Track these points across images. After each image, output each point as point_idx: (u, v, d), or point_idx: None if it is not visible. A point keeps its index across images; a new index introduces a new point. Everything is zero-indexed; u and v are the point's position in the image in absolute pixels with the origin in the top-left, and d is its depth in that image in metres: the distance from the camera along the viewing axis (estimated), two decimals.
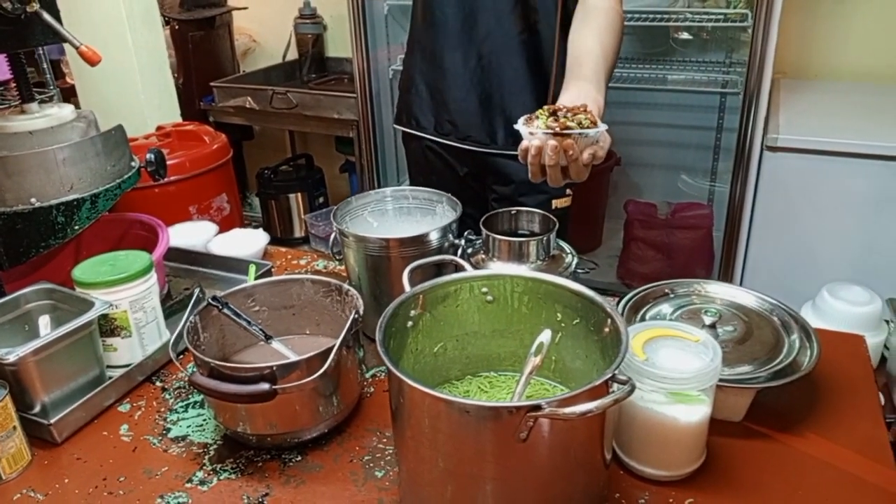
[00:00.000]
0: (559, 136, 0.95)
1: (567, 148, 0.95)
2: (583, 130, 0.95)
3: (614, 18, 1.23)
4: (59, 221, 1.04)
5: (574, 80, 1.15)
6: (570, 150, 0.95)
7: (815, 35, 2.31)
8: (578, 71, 1.16)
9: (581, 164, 0.98)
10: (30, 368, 0.89)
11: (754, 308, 1.00)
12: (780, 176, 1.89)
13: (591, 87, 1.11)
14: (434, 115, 1.42)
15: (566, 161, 0.97)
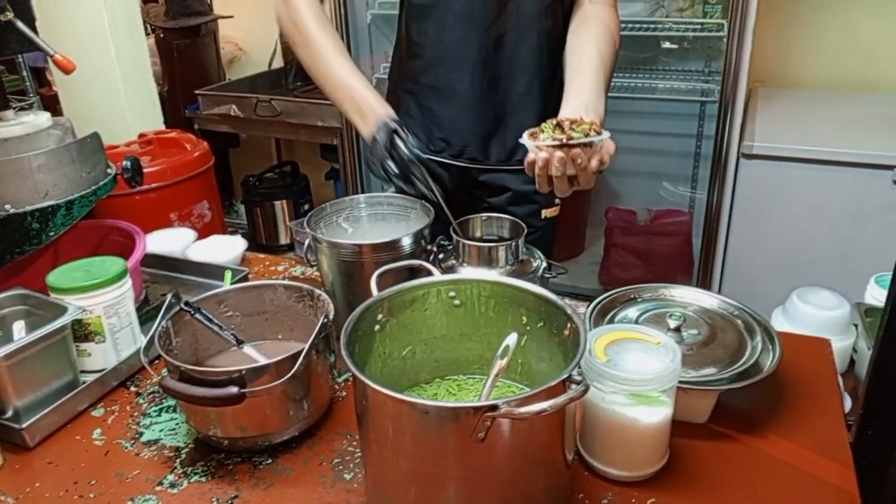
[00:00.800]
0: (566, 147, 0.97)
1: (575, 157, 0.97)
2: (588, 139, 0.97)
3: (611, 28, 1.23)
4: (33, 228, 1.05)
5: (574, 90, 1.15)
6: (578, 159, 0.98)
7: (793, 44, 2.34)
8: (578, 81, 1.16)
9: (590, 173, 1.00)
10: (2, 373, 0.90)
11: (718, 311, 1.02)
12: (755, 183, 1.92)
13: (592, 96, 1.12)
14: (425, 133, 1.40)
15: (574, 171, 1.00)
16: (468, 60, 1.28)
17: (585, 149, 0.97)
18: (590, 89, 1.12)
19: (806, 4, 2.29)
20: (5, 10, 0.95)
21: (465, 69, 1.29)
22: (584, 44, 1.21)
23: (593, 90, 1.12)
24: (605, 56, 1.18)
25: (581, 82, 1.14)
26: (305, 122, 2.57)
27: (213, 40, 2.98)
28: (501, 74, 1.29)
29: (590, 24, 1.23)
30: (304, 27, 1.23)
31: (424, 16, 1.29)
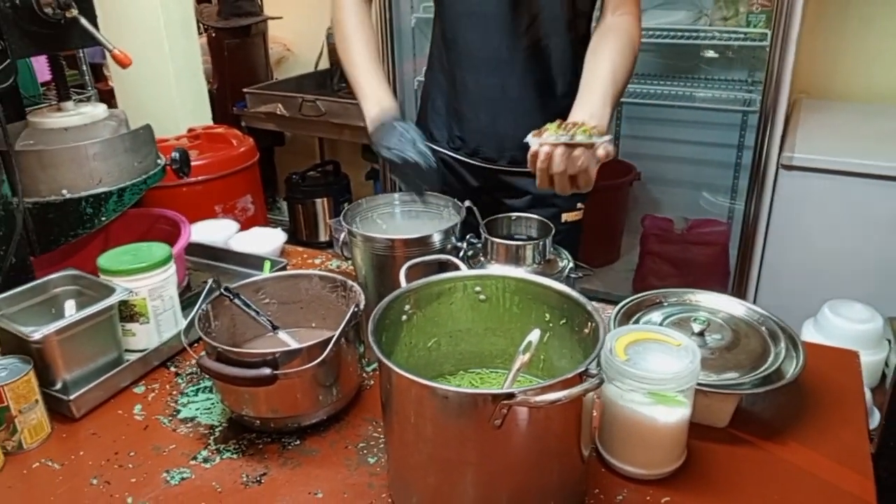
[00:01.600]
0: (569, 146, 1.00)
1: (577, 157, 1.01)
2: (591, 139, 1.00)
3: (629, 39, 1.26)
4: (87, 212, 1.11)
5: (584, 99, 1.19)
6: (580, 159, 1.02)
7: (839, 56, 2.31)
8: (589, 90, 1.21)
9: (590, 173, 1.04)
10: (53, 347, 0.96)
11: (743, 318, 1.03)
12: (794, 194, 1.90)
13: (597, 108, 1.16)
14: (447, 130, 1.46)
15: (574, 169, 1.03)
16: (483, 63, 1.35)
17: (587, 150, 1.00)
18: (595, 103, 1.17)
19: (854, 15, 2.26)
20: (70, 7, 1.02)
21: (480, 71, 1.36)
22: (599, 57, 1.25)
23: (599, 103, 1.16)
24: (618, 68, 1.22)
25: (590, 96, 1.19)
26: (349, 122, 2.62)
27: (262, 40, 3.07)
28: (514, 79, 1.35)
29: (609, 36, 1.26)
30: (343, 24, 1.33)
31: (452, 19, 1.36)
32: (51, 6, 1.01)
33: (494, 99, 1.38)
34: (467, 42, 1.36)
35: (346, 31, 1.33)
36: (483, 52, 1.35)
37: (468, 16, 1.34)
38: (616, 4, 1.28)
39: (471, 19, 1.34)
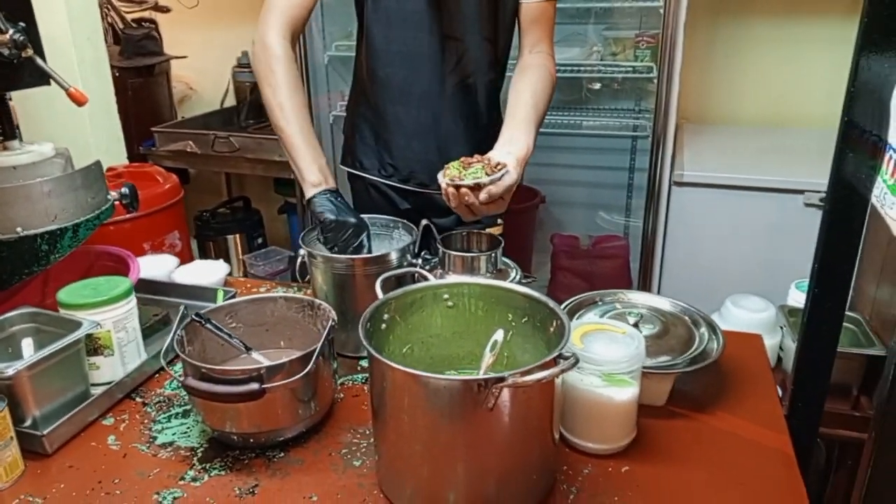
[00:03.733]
0: (455, 187, 1.15)
1: (463, 195, 1.15)
2: (473, 181, 1.14)
3: (546, 72, 1.42)
4: (42, 249, 1.11)
5: (506, 127, 1.32)
6: (465, 196, 1.15)
7: (712, 86, 2.62)
8: (512, 119, 1.34)
9: (478, 205, 1.16)
10: (24, 383, 0.96)
11: (668, 310, 1.18)
12: (686, 208, 2.13)
13: (521, 132, 1.29)
14: (378, 159, 1.55)
15: (465, 203, 1.16)
16: (416, 98, 1.46)
17: (475, 189, 1.14)
18: (517, 129, 1.30)
19: (720, 52, 2.57)
20: (27, 47, 1.03)
21: (412, 105, 1.47)
22: (520, 88, 1.39)
23: (521, 129, 1.30)
24: (538, 95, 1.37)
25: (513, 123, 1.32)
26: (263, 157, 2.65)
27: (165, 79, 3.04)
28: (444, 112, 1.47)
29: (528, 70, 1.42)
30: (276, 75, 1.30)
31: (382, 58, 1.45)
32: (7, 47, 1.02)
33: (426, 130, 1.50)
34: (399, 79, 1.46)
35: (278, 81, 1.30)
36: (415, 88, 1.46)
37: (400, 55, 1.44)
38: (532, 43, 1.45)
39: (402, 58, 1.44)
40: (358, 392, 1.13)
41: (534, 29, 1.44)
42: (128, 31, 2.88)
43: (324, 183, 1.29)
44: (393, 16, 1.42)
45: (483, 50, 1.45)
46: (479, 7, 1.40)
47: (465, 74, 1.46)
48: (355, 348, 1.22)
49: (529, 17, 1.44)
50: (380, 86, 1.49)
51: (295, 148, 1.31)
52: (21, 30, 1.04)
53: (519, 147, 1.25)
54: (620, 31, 2.43)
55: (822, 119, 2.51)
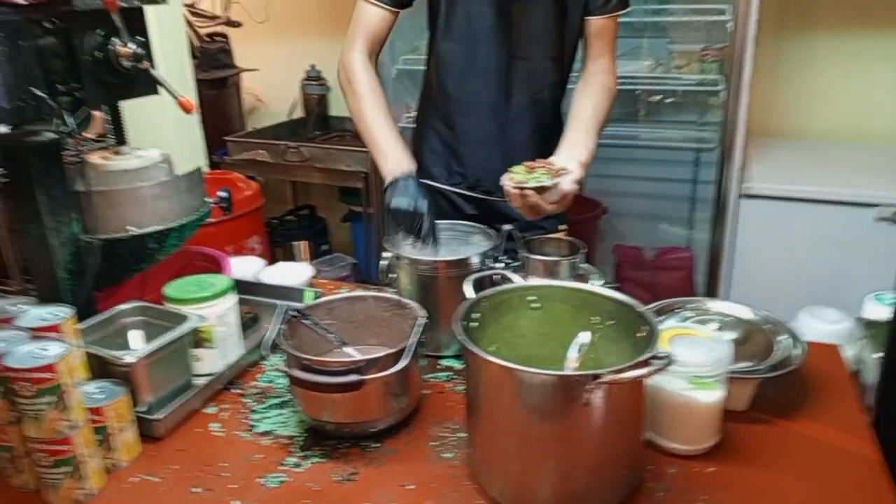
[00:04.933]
0: (519, 189, 1.23)
1: (528, 197, 1.23)
2: (539, 184, 1.22)
3: (606, 84, 1.49)
4: (150, 248, 1.19)
5: (568, 134, 1.41)
6: (530, 199, 1.24)
7: (779, 98, 2.60)
8: (573, 126, 1.42)
9: (543, 208, 1.25)
10: (140, 370, 1.03)
11: (748, 318, 1.19)
12: (755, 221, 2.12)
13: (582, 139, 1.38)
14: (445, 167, 1.62)
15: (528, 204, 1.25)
16: (484, 111, 1.54)
17: (540, 191, 1.23)
18: (579, 136, 1.39)
19: (787, 65, 2.56)
20: (143, 59, 1.11)
21: (480, 117, 1.55)
22: (581, 99, 1.47)
23: (582, 136, 1.39)
24: (598, 109, 1.45)
25: (574, 130, 1.41)
26: (331, 166, 2.74)
27: (236, 91, 3.17)
28: (511, 124, 1.55)
29: (589, 82, 1.50)
30: (356, 86, 1.47)
31: (454, 73, 1.54)
32: (128, 58, 1.10)
33: (493, 141, 1.57)
34: (468, 93, 1.54)
35: (360, 90, 1.46)
36: (483, 102, 1.54)
37: (469, 70, 1.52)
38: (595, 56, 1.51)
39: (472, 73, 1.52)
40: (441, 389, 1.18)
41: (597, 43, 1.50)
42: (204, 44, 3.02)
43: (403, 166, 1.39)
44: (463, 32, 1.50)
45: (549, 68, 1.52)
46: (546, 26, 1.47)
47: (532, 90, 1.54)
48: (436, 347, 1.27)
49: (593, 32, 1.50)
50: (449, 98, 1.57)
51: (375, 140, 1.44)
52: (140, 43, 1.12)
53: (580, 152, 1.34)
54: (685, 45, 2.44)
55: (890, 133, 2.48)
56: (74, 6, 1.02)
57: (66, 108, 1.07)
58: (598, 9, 1.47)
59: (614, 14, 1.48)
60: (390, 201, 1.34)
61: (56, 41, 1.05)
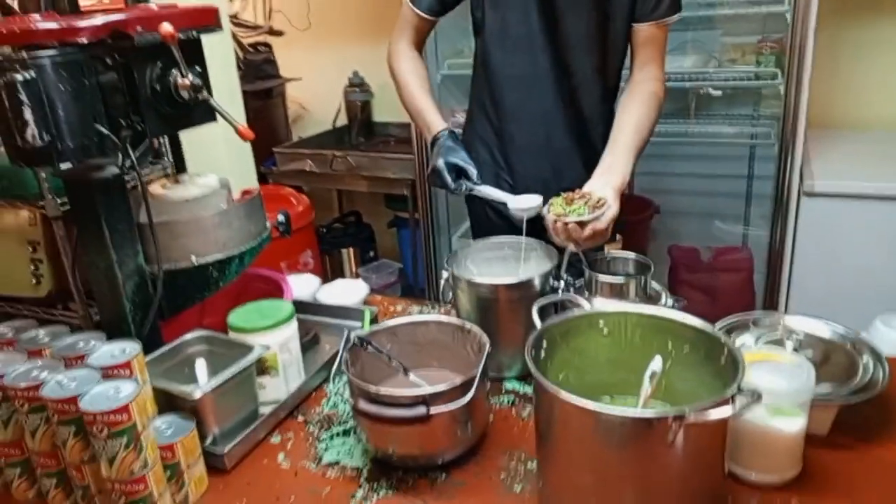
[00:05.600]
0: (561, 223, 1.23)
1: (570, 230, 1.23)
2: (578, 217, 1.22)
3: (653, 95, 1.44)
4: (213, 276, 1.19)
5: (608, 153, 1.40)
6: (573, 233, 1.23)
7: (838, 89, 2.49)
8: (613, 145, 1.41)
9: (582, 239, 1.23)
10: (208, 404, 1.03)
11: (827, 336, 1.14)
12: (818, 220, 2.04)
13: (620, 161, 1.37)
14: (494, 177, 1.59)
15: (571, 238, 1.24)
16: (530, 118, 1.53)
17: (580, 224, 1.22)
18: (617, 157, 1.38)
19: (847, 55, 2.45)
20: (202, 90, 1.11)
21: (526, 125, 1.54)
22: (626, 111, 1.45)
23: (621, 158, 1.38)
24: (641, 123, 1.42)
25: (614, 149, 1.40)
26: (377, 174, 2.74)
27: (281, 101, 3.19)
28: (557, 132, 1.53)
29: (635, 92, 1.46)
30: (398, 72, 1.57)
31: (499, 82, 1.53)
32: (187, 90, 1.10)
33: (540, 149, 1.56)
34: (514, 100, 1.53)
35: (402, 77, 1.56)
36: (529, 109, 1.53)
37: (515, 78, 1.51)
38: (641, 65, 1.47)
39: (518, 81, 1.51)
40: (506, 415, 1.15)
41: (644, 51, 1.46)
42: (249, 56, 3.04)
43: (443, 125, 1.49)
44: (505, 41, 1.49)
45: (593, 77, 1.49)
46: (588, 34, 1.44)
47: (577, 98, 1.51)
48: (498, 369, 1.24)
49: (640, 40, 1.45)
50: (495, 106, 1.57)
51: (418, 108, 1.54)
52: (198, 74, 1.12)
53: (616, 177, 1.33)
54: (739, 37, 2.35)
55: None
56: (135, 42, 1.02)
57: (128, 142, 1.08)
58: (646, 16, 1.43)
59: (663, 21, 1.43)
60: (434, 162, 1.44)
61: (117, 77, 1.05)
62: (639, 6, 1.41)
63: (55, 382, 0.91)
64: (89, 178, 1.06)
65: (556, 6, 1.42)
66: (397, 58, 1.57)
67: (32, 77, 0.93)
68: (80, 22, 0.98)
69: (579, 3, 1.41)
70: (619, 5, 1.41)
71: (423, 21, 1.55)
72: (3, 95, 0.92)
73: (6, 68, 0.92)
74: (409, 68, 1.56)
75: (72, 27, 0.97)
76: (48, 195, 1.39)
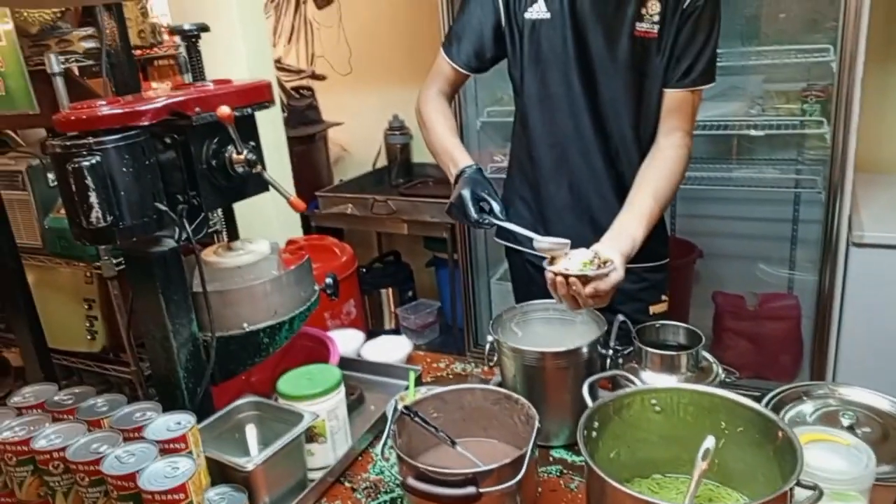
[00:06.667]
0: (564, 277, 1.18)
1: (571, 284, 1.18)
2: (580, 273, 1.18)
3: (676, 165, 1.41)
4: (263, 342, 1.21)
5: (621, 216, 1.36)
6: (573, 286, 1.18)
7: (885, 133, 2.45)
8: (629, 209, 1.37)
9: (584, 297, 1.19)
10: (259, 474, 1.05)
11: (887, 410, 1.10)
12: (868, 271, 1.99)
13: (632, 226, 1.33)
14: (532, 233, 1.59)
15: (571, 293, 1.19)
16: (569, 177, 1.52)
17: (581, 279, 1.17)
18: (630, 222, 1.34)
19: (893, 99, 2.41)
20: (256, 164, 1.15)
21: (565, 183, 1.53)
22: (645, 177, 1.41)
23: (633, 223, 1.34)
24: (660, 191, 1.38)
25: (628, 214, 1.36)
26: (417, 218, 2.77)
27: (324, 144, 3.25)
28: (595, 190, 1.52)
29: (658, 158, 1.43)
30: (426, 113, 1.57)
31: (538, 138, 1.53)
32: (241, 164, 1.14)
33: (578, 206, 1.55)
34: (553, 159, 1.53)
35: (429, 118, 1.56)
36: (568, 168, 1.52)
37: (553, 136, 1.51)
38: (668, 131, 1.44)
39: (556, 140, 1.51)
40: (554, 486, 1.14)
41: (673, 117, 1.43)
42: (292, 102, 3.12)
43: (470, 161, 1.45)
44: (542, 99, 1.50)
45: (629, 137, 1.47)
46: (625, 93, 1.43)
47: (613, 158, 1.50)
48: (545, 437, 1.24)
49: (670, 105, 1.43)
50: (533, 163, 1.57)
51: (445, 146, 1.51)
52: (252, 149, 1.15)
53: (625, 243, 1.29)
54: (783, 84, 2.33)
55: None
56: (193, 122, 1.06)
57: (184, 216, 1.11)
58: (677, 81, 1.41)
59: (695, 89, 1.41)
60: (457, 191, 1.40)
61: (175, 155, 1.09)
62: (670, 70, 1.40)
63: (114, 457, 0.94)
64: (147, 252, 1.10)
65: (593, 66, 1.43)
66: (426, 102, 1.57)
67: (98, 161, 0.97)
68: (141, 106, 1.02)
69: (616, 64, 1.41)
70: (653, 67, 1.41)
71: (458, 75, 1.56)
72: (71, 180, 0.96)
73: (73, 154, 0.97)
74: (437, 109, 1.56)
75: (134, 111, 1.01)
76: (104, 256, 1.44)
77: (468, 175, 1.40)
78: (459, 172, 1.43)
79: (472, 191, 1.37)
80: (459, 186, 1.39)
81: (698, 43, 1.37)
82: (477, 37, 1.51)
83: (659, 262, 1.57)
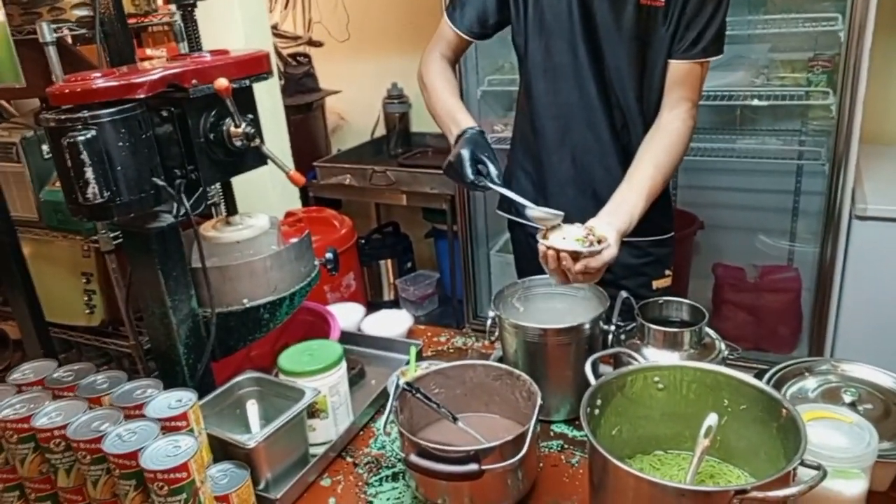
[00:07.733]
0: (556, 251, 1.16)
1: (562, 259, 1.16)
2: (573, 249, 1.15)
3: (679, 138, 1.38)
4: (264, 318, 1.21)
5: (619, 191, 1.33)
6: (563, 261, 1.16)
7: (891, 104, 2.42)
8: (627, 184, 1.34)
9: (574, 273, 1.16)
10: (261, 451, 1.05)
11: (889, 387, 1.10)
12: (870, 244, 1.98)
13: (630, 202, 1.30)
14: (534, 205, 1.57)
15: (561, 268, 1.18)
16: (572, 149, 1.50)
17: (573, 255, 1.15)
18: (628, 197, 1.31)
19: None
20: (255, 138, 1.13)
21: (568, 155, 1.51)
22: (647, 150, 1.38)
23: (631, 199, 1.30)
24: (660, 166, 1.35)
25: (627, 189, 1.33)
26: (416, 189, 2.74)
27: (321, 113, 3.21)
28: (598, 162, 1.49)
29: (661, 132, 1.39)
30: (427, 75, 1.53)
31: (541, 109, 1.50)
32: (240, 138, 1.11)
33: (581, 178, 1.53)
34: (556, 130, 1.50)
35: (431, 81, 1.52)
36: (571, 140, 1.50)
37: (557, 108, 1.48)
38: (673, 104, 1.40)
39: (560, 112, 1.48)
40: (556, 462, 1.15)
41: (679, 88, 1.39)
42: (289, 69, 3.06)
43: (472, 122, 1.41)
44: (547, 69, 1.47)
45: (634, 108, 1.44)
46: (629, 64, 1.40)
47: (619, 129, 1.47)
48: (546, 412, 1.23)
49: (677, 76, 1.39)
50: (539, 136, 1.54)
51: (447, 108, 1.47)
52: (250, 122, 1.13)
53: (623, 218, 1.26)
54: (789, 53, 2.29)
55: None
56: (190, 94, 1.03)
57: (182, 190, 1.09)
58: (684, 51, 1.36)
59: (703, 60, 1.38)
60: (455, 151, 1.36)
61: (172, 128, 1.07)
62: (678, 41, 1.36)
63: (115, 436, 0.93)
64: (145, 228, 1.08)
65: (598, 35, 1.39)
66: (428, 65, 1.54)
67: (93, 136, 0.95)
68: (137, 78, 1.00)
69: (621, 32, 1.37)
70: (658, 37, 1.36)
71: (461, 40, 1.53)
72: (67, 155, 0.94)
73: (68, 128, 0.95)
74: (439, 72, 1.52)
75: (130, 83, 0.99)
76: (102, 230, 1.42)
77: (469, 135, 1.36)
78: (461, 133, 1.38)
79: (472, 151, 1.33)
80: (459, 146, 1.35)
81: (707, 12, 1.33)
82: (480, 2, 1.47)
83: (663, 236, 1.55)
